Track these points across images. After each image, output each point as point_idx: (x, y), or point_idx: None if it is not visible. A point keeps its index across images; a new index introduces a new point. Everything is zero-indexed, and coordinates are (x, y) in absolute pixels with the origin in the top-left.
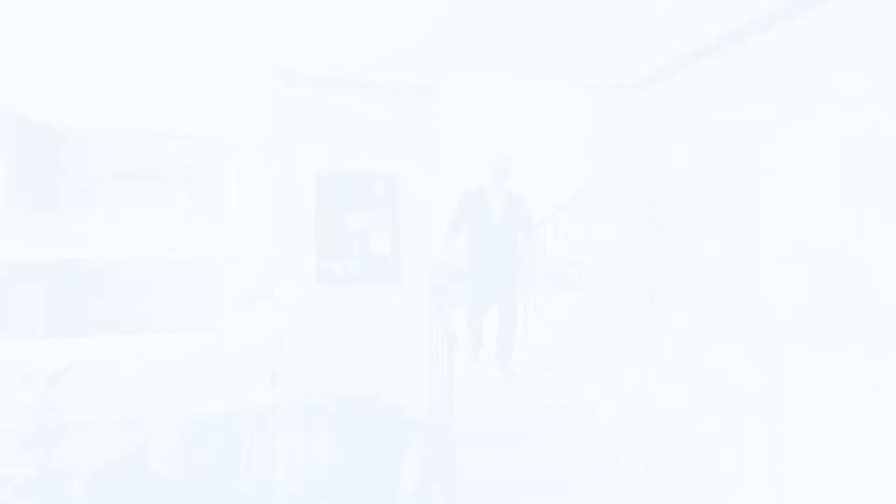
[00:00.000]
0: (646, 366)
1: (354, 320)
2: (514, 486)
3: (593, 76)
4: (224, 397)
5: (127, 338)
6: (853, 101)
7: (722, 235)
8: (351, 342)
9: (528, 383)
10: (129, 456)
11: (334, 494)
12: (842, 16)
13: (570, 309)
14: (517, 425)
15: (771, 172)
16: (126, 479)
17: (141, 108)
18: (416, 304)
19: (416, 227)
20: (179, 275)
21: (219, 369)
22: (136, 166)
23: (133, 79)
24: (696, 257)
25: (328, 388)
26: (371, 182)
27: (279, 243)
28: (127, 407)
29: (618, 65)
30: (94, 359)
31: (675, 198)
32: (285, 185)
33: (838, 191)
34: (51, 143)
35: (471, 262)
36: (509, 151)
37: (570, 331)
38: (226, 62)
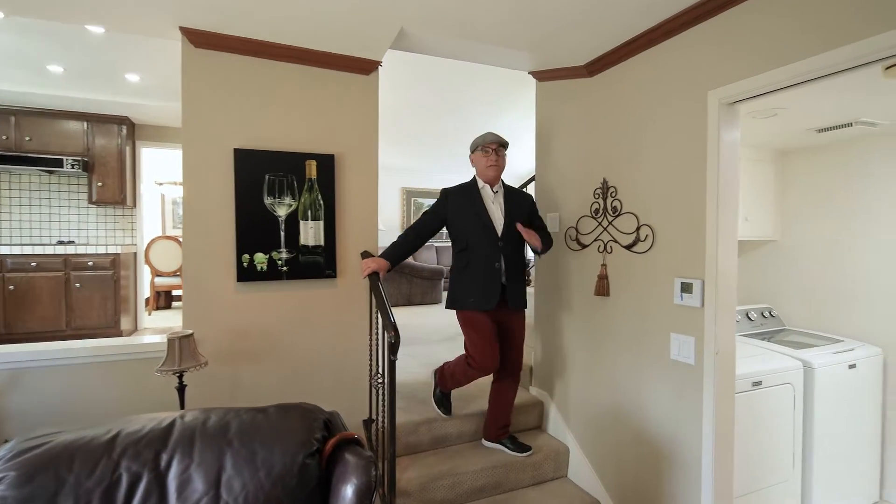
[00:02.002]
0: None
1: (282, 321)
2: (460, 496)
3: (541, 59)
4: (130, 410)
5: (20, 345)
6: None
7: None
8: (278, 346)
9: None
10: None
11: None
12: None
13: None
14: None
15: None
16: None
17: (36, 80)
18: (355, 302)
19: (354, 214)
20: (76, 272)
21: (123, 378)
22: (27, 148)
23: (26, 44)
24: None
25: (250, 399)
26: (302, 162)
27: (191, 234)
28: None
29: (566, 49)
30: None
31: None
32: (198, 165)
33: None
34: None
35: (471, 280)
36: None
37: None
38: (130, 18)
